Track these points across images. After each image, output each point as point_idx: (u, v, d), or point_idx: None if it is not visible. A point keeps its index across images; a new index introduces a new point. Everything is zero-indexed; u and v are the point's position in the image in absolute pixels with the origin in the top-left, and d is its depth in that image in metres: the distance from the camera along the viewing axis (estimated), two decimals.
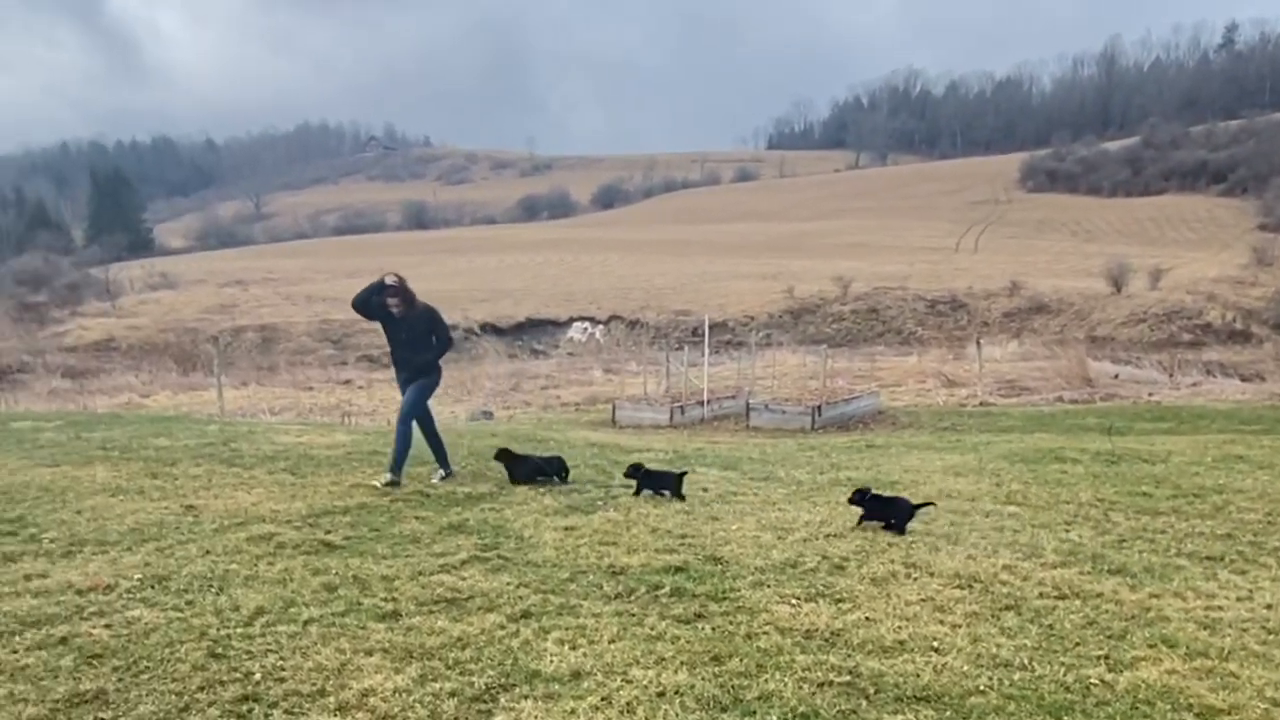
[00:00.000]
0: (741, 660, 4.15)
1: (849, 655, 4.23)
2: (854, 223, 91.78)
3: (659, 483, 7.81)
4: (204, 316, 46.02)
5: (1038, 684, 3.93)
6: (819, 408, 16.47)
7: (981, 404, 18.97)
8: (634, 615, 4.75)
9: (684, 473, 8.06)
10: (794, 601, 4.95)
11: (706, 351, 20.79)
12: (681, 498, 7.59)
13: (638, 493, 7.78)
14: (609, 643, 4.37)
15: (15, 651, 4.23)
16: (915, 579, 5.39)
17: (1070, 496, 7.88)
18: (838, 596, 5.05)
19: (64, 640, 4.36)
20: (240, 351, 38.42)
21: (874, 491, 6.99)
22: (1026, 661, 4.16)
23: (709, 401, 18.90)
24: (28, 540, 6.14)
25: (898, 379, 25.93)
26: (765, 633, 4.50)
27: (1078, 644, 4.38)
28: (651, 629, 4.55)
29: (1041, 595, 5.09)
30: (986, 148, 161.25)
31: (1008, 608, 4.89)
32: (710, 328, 26.08)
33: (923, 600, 5.00)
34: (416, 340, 8.24)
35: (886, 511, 6.77)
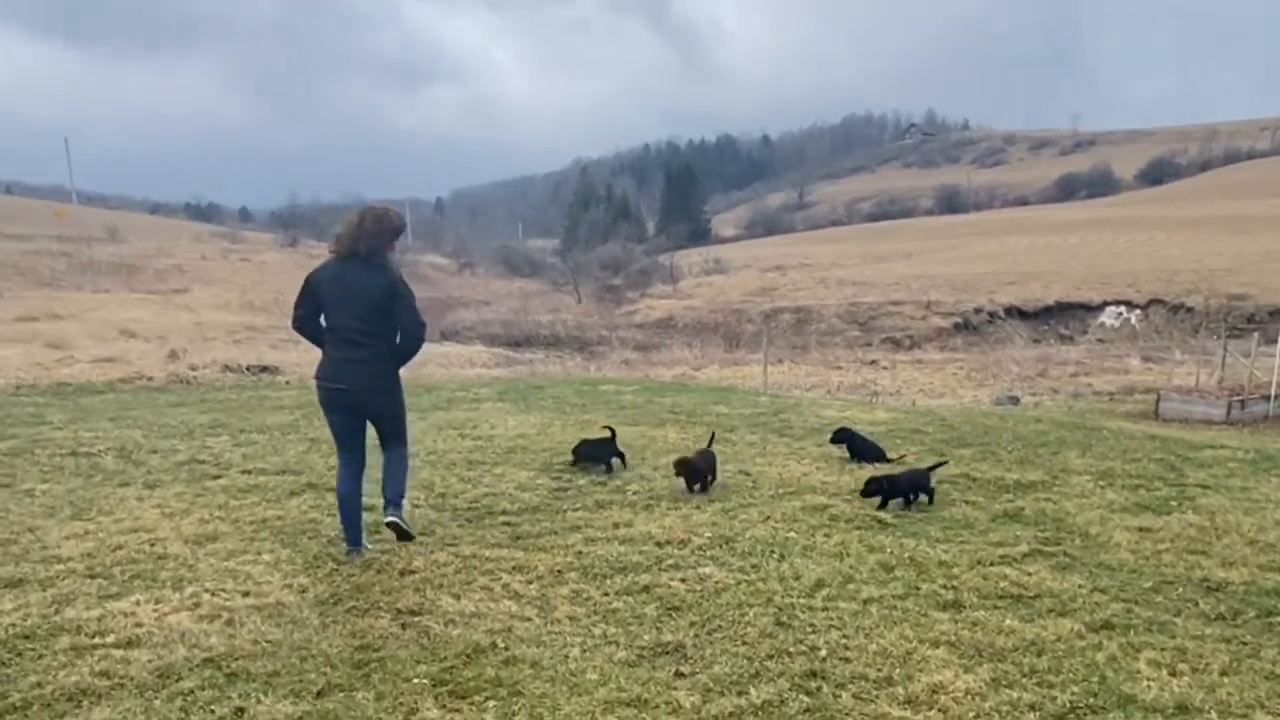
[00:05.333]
0: None
1: None
2: None
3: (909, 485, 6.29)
4: (747, 299, 48.52)
5: None
6: None
7: None
8: (1246, 644, 3.82)
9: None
10: None
11: None
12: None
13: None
14: (1219, 674, 3.53)
15: (607, 594, 4.47)
16: None
17: None
18: None
19: (646, 589, 4.52)
20: (777, 331, 39.90)
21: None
22: None
23: (1278, 397, 15.81)
24: (615, 490, 6.63)
25: None
26: None
27: None
28: (1273, 664, 3.61)
29: None
30: None
31: None
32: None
33: None
34: None
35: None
